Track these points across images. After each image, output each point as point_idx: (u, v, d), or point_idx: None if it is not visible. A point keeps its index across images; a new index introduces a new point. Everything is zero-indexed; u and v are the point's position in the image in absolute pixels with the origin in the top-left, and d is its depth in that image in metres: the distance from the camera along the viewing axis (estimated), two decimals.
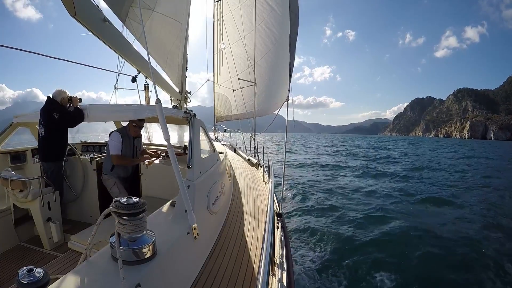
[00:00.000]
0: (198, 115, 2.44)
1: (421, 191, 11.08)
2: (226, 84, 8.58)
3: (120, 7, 3.02)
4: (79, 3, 2.13)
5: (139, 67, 3.61)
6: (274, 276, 1.59)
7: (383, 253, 5.37)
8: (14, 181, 2.54)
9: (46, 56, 2.77)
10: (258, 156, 5.92)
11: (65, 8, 2.12)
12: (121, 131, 2.92)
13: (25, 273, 0.82)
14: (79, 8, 2.14)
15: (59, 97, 2.81)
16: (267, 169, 3.82)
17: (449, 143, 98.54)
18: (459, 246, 5.70)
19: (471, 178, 15.07)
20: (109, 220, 1.19)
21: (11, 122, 3.30)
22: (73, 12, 2.09)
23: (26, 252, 2.62)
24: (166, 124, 1.53)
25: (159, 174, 3.20)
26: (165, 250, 1.26)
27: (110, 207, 1.09)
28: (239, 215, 2.75)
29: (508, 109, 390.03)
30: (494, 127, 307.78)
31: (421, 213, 8.17)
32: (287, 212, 7.78)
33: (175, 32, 4.59)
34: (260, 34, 6.98)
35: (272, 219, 1.46)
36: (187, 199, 1.52)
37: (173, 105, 6.12)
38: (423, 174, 16.38)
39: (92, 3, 2.43)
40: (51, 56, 2.89)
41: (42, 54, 2.68)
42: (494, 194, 10.93)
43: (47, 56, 2.77)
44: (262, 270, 0.96)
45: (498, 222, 7.39)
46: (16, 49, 2.32)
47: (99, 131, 5.24)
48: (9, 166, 3.19)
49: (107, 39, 2.66)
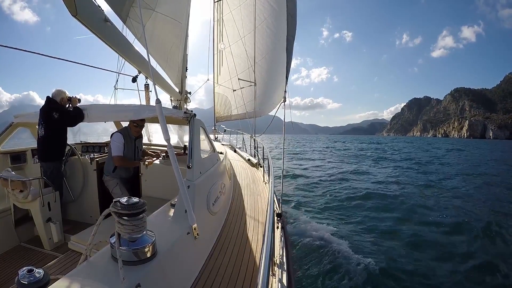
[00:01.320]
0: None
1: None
2: (226, 84, 8.58)
3: (121, 7, 3.02)
4: (80, 3, 2.13)
5: (139, 67, 3.61)
6: (274, 276, 1.59)
7: (383, 253, 5.37)
8: (14, 181, 2.53)
9: (46, 56, 2.78)
10: (258, 156, 5.92)
11: (64, 10, 2.13)
12: (123, 132, 2.91)
13: (25, 273, 0.82)
14: (81, 8, 2.14)
15: (58, 97, 2.82)
16: (267, 169, 3.82)
17: (461, 143, 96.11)
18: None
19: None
20: (109, 220, 1.19)
21: (11, 123, 3.30)
22: (75, 12, 2.08)
23: (26, 253, 2.62)
24: (166, 124, 1.53)
25: (159, 174, 3.20)
26: (165, 250, 1.26)
27: (110, 207, 1.09)
28: (239, 215, 2.75)
29: (506, 108, 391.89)
30: (493, 126, 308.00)
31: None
32: (287, 212, 7.78)
33: (175, 32, 4.59)
34: (260, 34, 6.99)
35: (272, 219, 1.46)
36: (187, 199, 1.52)
37: (173, 105, 6.12)
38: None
39: (93, 3, 2.43)
40: (51, 56, 2.89)
41: (42, 54, 2.68)
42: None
43: (47, 56, 2.77)
44: (262, 270, 0.96)
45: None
46: (16, 48, 2.32)
47: (99, 131, 5.24)
48: (9, 166, 3.18)
49: (108, 39, 2.66)
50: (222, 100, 9.55)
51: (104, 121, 3.71)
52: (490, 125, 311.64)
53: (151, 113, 2.30)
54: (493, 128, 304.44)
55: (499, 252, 5.53)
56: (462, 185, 12.81)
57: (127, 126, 2.99)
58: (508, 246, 5.88)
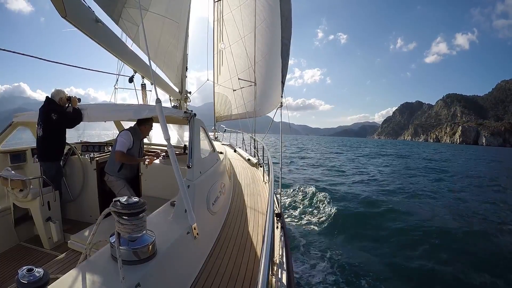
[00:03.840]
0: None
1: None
2: (226, 84, 8.58)
3: (112, 7, 2.98)
4: (69, 4, 2.10)
5: (135, 67, 3.59)
6: (274, 276, 1.59)
7: (383, 253, 5.38)
8: (14, 180, 2.53)
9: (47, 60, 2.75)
10: (258, 156, 5.92)
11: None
12: (132, 131, 2.87)
13: (25, 272, 0.81)
14: (70, 9, 2.10)
15: (57, 97, 2.81)
16: (267, 168, 3.82)
17: (469, 149, 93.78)
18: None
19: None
20: (109, 220, 1.19)
21: (11, 122, 3.30)
22: (64, 13, 2.06)
23: (26, 252, 2.62)
24: (166, 124, 1.53)
25: (159, 174, 3.19)
26: (165, 250, 1.25)
27: (110, 206, 1.09)
28: (239, 215, 2.75)
29: (497, 115, 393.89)
30: (486, 132, 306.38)
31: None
32: (287, 212, 7.78)
33: (172, 32, 4.57)
34: (260, 34, 6.98)
35: (272, 219, 1.46)
36: (187, 199, 1.52)
37: (172, 105, 6.11)
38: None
39: (83, 4, 2.39)
40: (52, 60, 2.88)
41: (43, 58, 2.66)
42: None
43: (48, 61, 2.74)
44: (262, 270, 0.96)
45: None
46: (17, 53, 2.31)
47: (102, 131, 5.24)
48: (9, 165, 3.18)
49: (101, 40, 2.63)
50: (222, 99, 9.55)
51: (104, 121, 3.70)
52: (483, 132, 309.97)
53: (151, 112, 2.29)
54: (486, 134, 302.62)
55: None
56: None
57: (135, 125, 2.96)
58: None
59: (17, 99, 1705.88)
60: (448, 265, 4.98)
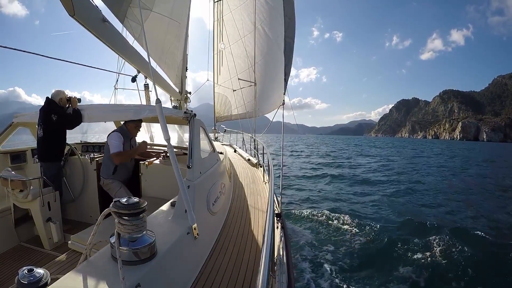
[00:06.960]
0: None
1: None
2: (226, 84, 8.58)
3: (118, 7, 3.02)
4: (78, 3, 2.12)
5: (138, 67, 3.61)
6: (274, 276, 1.59)
7: (384, 253, 5.38)
8: (14, 181, 2.53)
9: (44, 56, 2.77)
10: (258, 156, 5.92)
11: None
12: (120, 130, 2.82)
13: (25, 273, 0.82)
14: (78, 8, 2.12)
15: (57, 97, 2.81)
16: (267, 169, 3.82)
17: (476, 146, 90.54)
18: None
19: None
20: (109, 220, 1.19)
21: (11, 122, 3.30)
22: (72, 12, 2.08)
23: (26, 252, 2.62)
24: (166, 124, 1.53)
25: (159, 174, 3.19)
26: (165, 250, 1.25)
27: (110, 207, 1.09)
28: (239, 215, 2.75)
29: (494, 110, 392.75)
30: (487, 128, 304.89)
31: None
32: (287, 212, 7.78)
33: (174, 32, 4.59)
34: (260, 34, 6.99)
35: (272, 219, 1.46)
36: (187, 199, 1.52)
37: (173, 105, 6.12)
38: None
39: (91, 3, 2.42)
40: (49, 56, 2.89)
41: (40, 54, 2.68)
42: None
43: (45, 56, 2.76)
44: (262, 270, 0.96)
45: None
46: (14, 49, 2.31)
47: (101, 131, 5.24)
48: (9, 166, 3.18)
49: (107, 39, 2.65)
50: (222, 100, 9.55)
51: (104, 121, 3.70)
52: (483, 127, 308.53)
53: (151, 113, 2.29)
54: (487, 130, 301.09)
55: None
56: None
57: (123, 125, 2.91)
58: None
59: (13, 104, 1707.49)
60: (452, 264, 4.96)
